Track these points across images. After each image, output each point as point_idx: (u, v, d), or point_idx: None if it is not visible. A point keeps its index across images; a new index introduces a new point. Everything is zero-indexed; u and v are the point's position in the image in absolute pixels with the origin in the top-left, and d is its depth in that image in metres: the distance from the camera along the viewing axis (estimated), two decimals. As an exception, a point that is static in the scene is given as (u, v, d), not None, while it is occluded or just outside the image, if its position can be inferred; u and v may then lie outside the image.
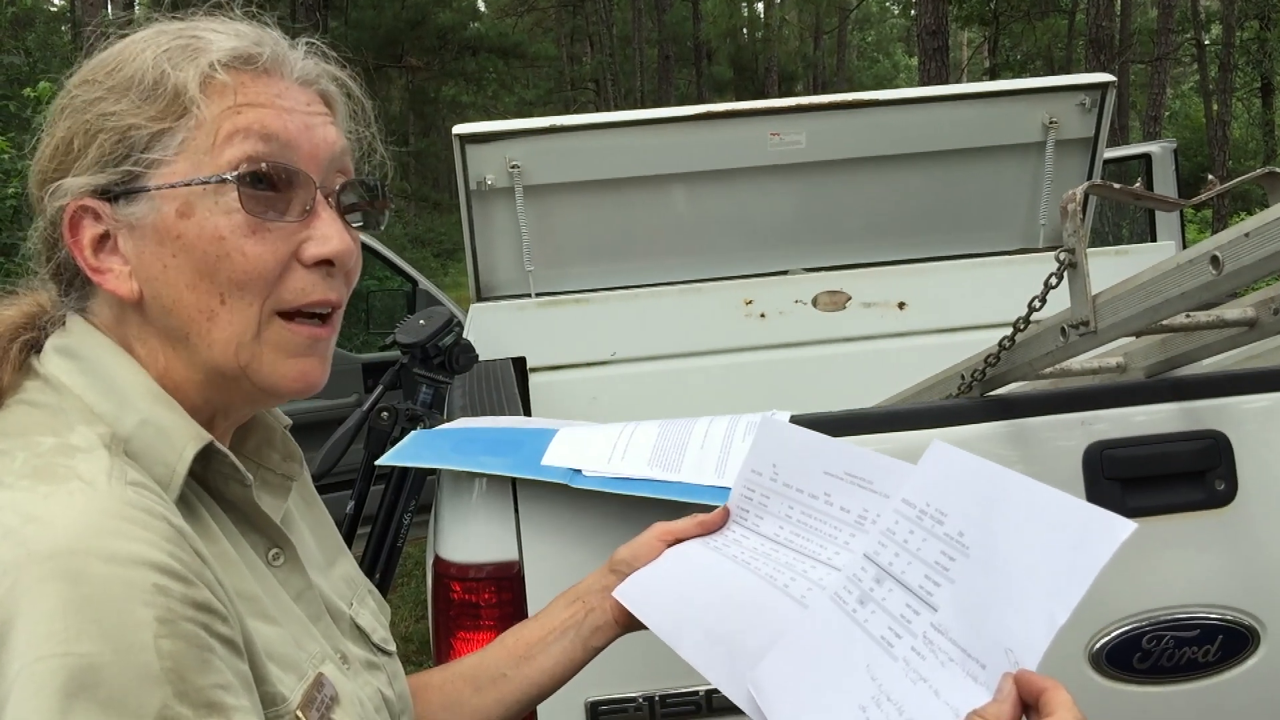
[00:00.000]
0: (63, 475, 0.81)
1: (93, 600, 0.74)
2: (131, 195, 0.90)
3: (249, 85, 0.92)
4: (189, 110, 0.90)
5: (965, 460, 1.05)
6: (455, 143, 3.12)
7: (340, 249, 0.94)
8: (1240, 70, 20.47)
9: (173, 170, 0.90)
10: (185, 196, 0.90)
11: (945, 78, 13.75)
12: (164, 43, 0.93)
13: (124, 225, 0.91)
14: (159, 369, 0.94)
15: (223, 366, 0.93)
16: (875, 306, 3.31)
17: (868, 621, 1.02)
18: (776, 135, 3.29)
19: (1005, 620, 0.90)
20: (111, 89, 0.91)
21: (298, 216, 0.93)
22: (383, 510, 2.38)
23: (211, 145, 0.90)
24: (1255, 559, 1.74)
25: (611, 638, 1.27)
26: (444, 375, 2.40)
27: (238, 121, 0.91)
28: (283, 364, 0.94)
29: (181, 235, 0.90)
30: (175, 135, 0.90)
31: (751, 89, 36.09)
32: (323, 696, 0.92)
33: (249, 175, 0.90)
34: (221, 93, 0.91)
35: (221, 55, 0.92)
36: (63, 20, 23.50)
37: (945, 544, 1.00)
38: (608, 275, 3.42)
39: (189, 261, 0.90)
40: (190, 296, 0.91)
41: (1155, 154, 5.82)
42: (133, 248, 0.92)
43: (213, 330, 0.91)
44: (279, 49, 0.96)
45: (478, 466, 1.69)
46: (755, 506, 1.28)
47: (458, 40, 29.34)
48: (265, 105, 0.92)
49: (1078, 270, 1.62)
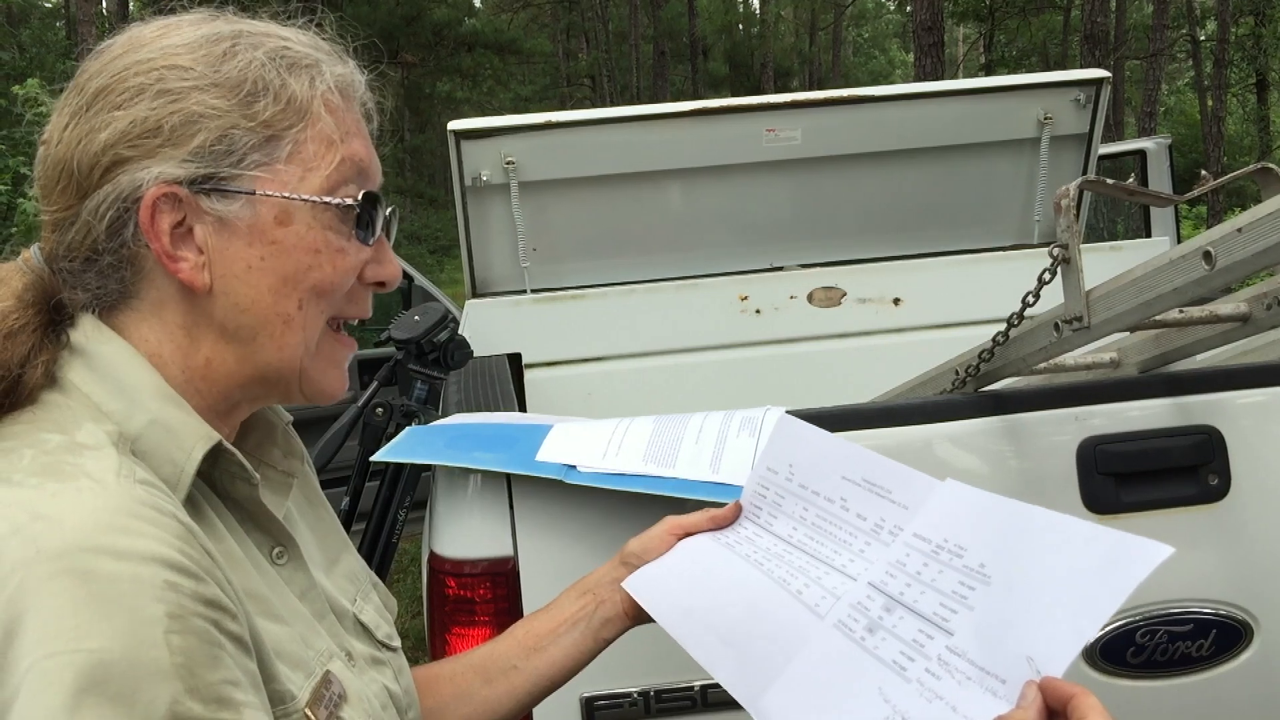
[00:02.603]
0: (70, 473, 0.81)
1: (103, 597, 0.74)
2: (227, 193, 0.91)
3: (345, 112, 0.98)
4: (300, 124, 0.93)
5: (983, 498, 1.07)
6: (450, 138, 3.12)
7: (395, 274, 1.03)
8: (1235, 66, 20.48)
9: (276, 179, 0.92)
10: (286, 206, 0.92)
11: (941, 73, 13.76)
12: (270, 45, 0.95)
13: (212, 219, 0.92)
14: (198, 360, 0.95)
15: (282, 369, 0.97)
16: (870, 302, 3.31)
17: (878, 649, 1.02)
18: (772, 131, 3.29)
19: (1028, 636, 0.91)
20: (216, 83, 0.91)
21: (373, 241, 1.00)
22: (378, 506, 2.38)
23: (318, 163, 0.94)
24: (1248, 554, 1.75)
25: (621, 630, 1.28)
26: (439, 371, 2.40)
27: (344, 150, 0.96)
28: (330, 372, 1.01)
29: (278, 241, 0.93)
30: (282, 145, 0.93)
31: (747, 85, 36.09)
32: (331, 694, 0.93)
33: (355, 203, 0.96)
34: (332, 114, 0.95)
35: (334, 79, 0.97)
36: (57, 16, 23.45)
37: (965, 575, 1.00)
38: (603, 271, 3.42)
39: (278, 266, 0.93)
40: (270, 299, 0.94)
41: (1150, 150, 5.84)
42: (215, 242, 0.92)
43: (286, 334, 0.95)
44: (357, 77, 1.01)
45: (472, 462, 1.69)
46: (769, 505, 1.28)
47: (453, 36, 29.32)
48: (358, 135, 0.98)
49: (1071, 266, 1.63)
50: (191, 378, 0.95)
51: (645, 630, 1.25)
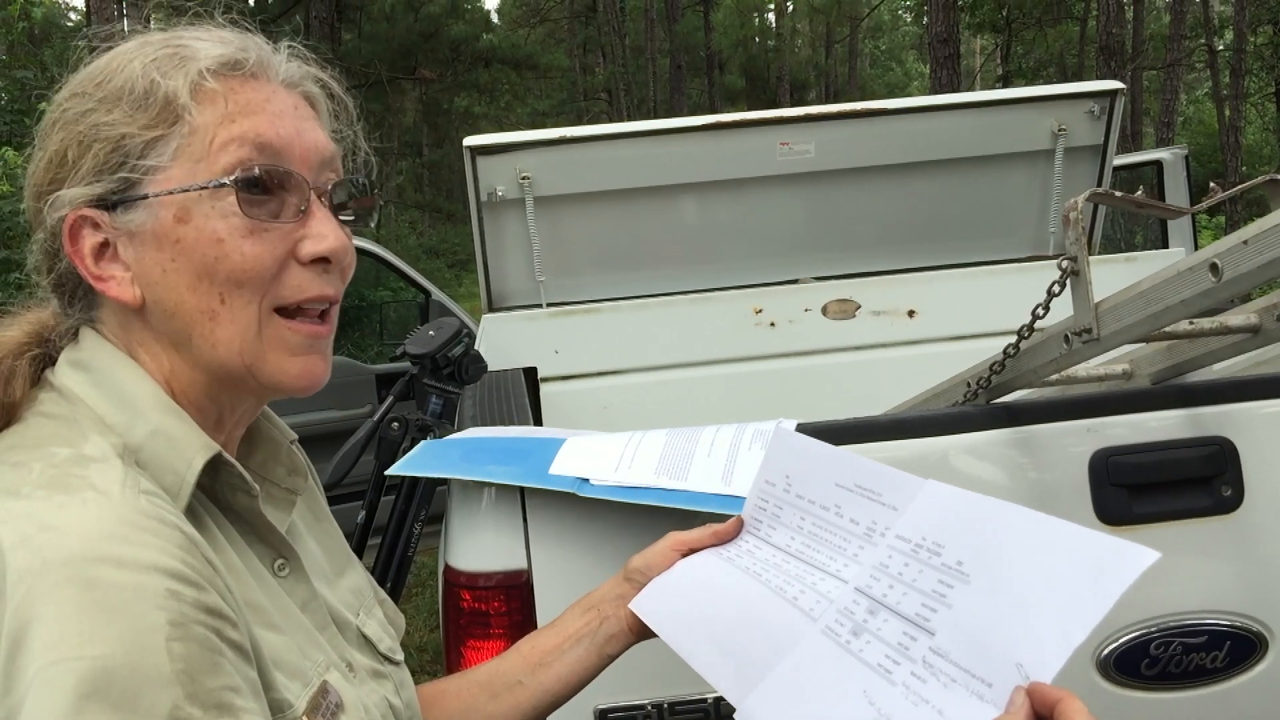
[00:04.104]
0: (77, 485, 0.83)
1: (105, 605, 0.75)
2: (129, 203, 0.92)
3: (238, 91, 0.94)
4: (181, 117, 0.92)
5: (961, 496, 1.07)
6: (466, 154, 3.14)
7: (336, 246, 0.97)
8: (1253, 76, 20.39)
9: (168, 177, 0.92)
10: (182, 202, 0.92)
11: (957, 86, 13.73)
12: (151, 52, 0.95)
13: (123, 233, 0.93)
14: (165, 373, 0.96)
15: (228, 365, 0.95)
16: (885, 314, 3.31)
17: (862, 651, 1.02)
18: (786, 145, 3.30)
19: (1014, 640, 0.91)
20: (102, 100, 0.93)
21: (293, 217, 0.96)
22: (393, 520, 2.39)
23: (206, 151, 0.92)
24: (1262, 565, 1.74)
25: (626, 645, 1.28)
26: (453, 385, 2.41)
27: (231, 129, 0.93)
28: (286, 361, 0.97)
29: (180, 239, 0.92)
30: (169, 142, 0.92)
31: (764, 98, 36.08)
32: (328, 703, 0.94)
33: (245, 180, 0.92)
34: (212, 99, 0.93)
35: (209, 63, 0.94)
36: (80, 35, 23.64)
37: (942, 573, 1.01)
38: (618, 285, 3.43)
39: (188, 264, 0.92)
40: (191, 298, 0.93)
41: (1166, 160, 5.81)
42: (133, 254, 0.94)
43: (215, 330, 0.94)
44: (264, 53, 0.98)
45: (486, 476, 1.70)
46: (769, 517, 1.28)
47: (470, 52, 29.41)
48: (256, 111, 0.95)
49: (1080, 278, 1.63)
50: (171, 389, 0.96)
51: (658, 643, 1.26)
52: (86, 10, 14.59)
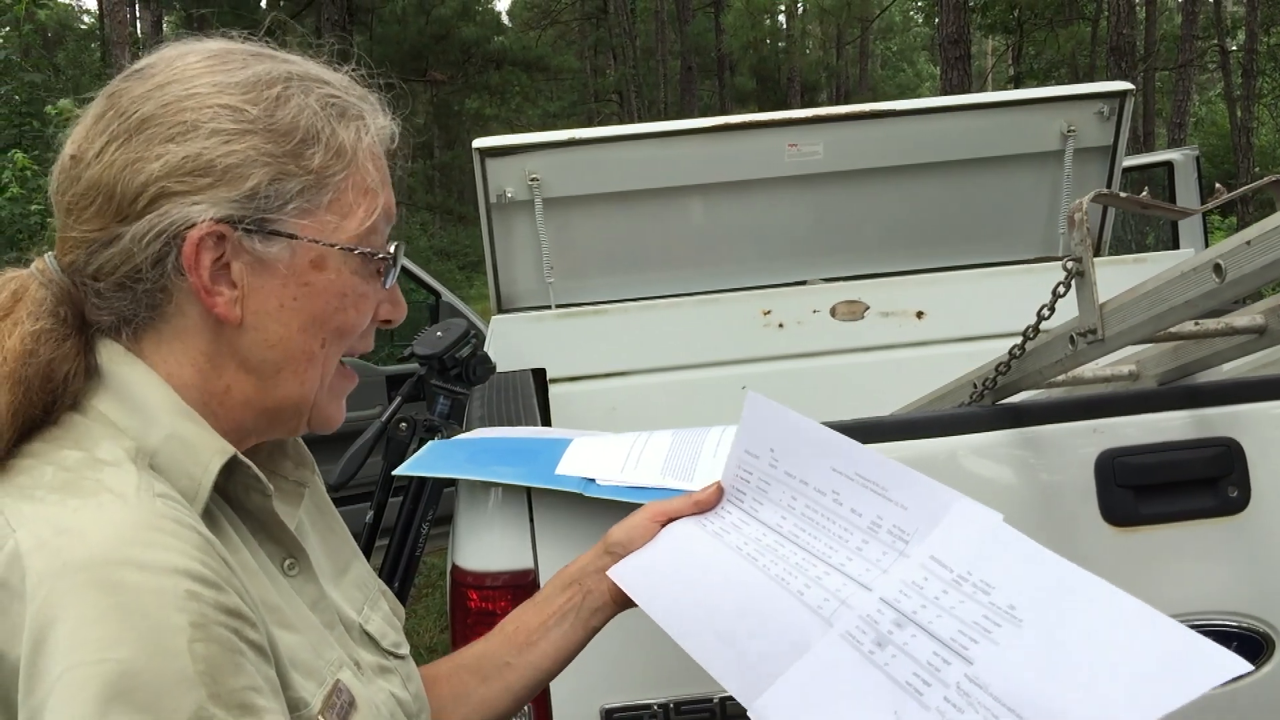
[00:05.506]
0: (91, 488, 0.84)
1: (128, 608, 0.76)
2: (270, 235, 0.93)
3: (382, 164, 1.01)
4: (344, 173, 0.96)
5: (1024, 544, 1.06)
6: (475, 156, 3.15)
7: (405, 312, 1.07)
8: (1265, 76, 20.30)
9: (317, 224, 0.95)
10: (323, 251, 0.96)
11: (967, 87, 13.71)
12: (319, 94, 0.97)
13: (251, 258, 0.93)
14: (218, 386, 0.97)
15: (298, 402, 1.00)
16: (893, 316, 3.31)
17: (889, 665, 1.01)
18: (794, 146, 3.30)
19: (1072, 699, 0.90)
20: (270, 128, 0.93)
21: (387, 284, 1.04)
22: (400, 520, 2.41)
23: (351, 211, 0.97)
24: (1269, 565, 1.74)
25: (610, 616, 1.30)
26: (461, 386, 2.42)
27: (376, 200, 1.00)
28: (333, 405, 1.05)
29: (310, 284, 0.96)
30: (325, 192, 0.96)
31: (774, 99, 36.05)
32: (341, 702, 0.95)
33: (383, 256, 1.00)
34: (374, 165, 0.99)
35: (378, 132, 1.01)
36: (92, 38, 23.75)
37: (991, 611, 1.00)
38: (627, 286, 3.44)
39: (308, 307, 0.96)
40: (299, 338, 0.97)
41: (1177, 161, 5.81)
42: (251, 280, 0.94)
43: (309, 370, 0.99)
44: (395, 129, 1.05)
45: (492, 476, 1.71)
46: (754, 490, 1.27)
47: (482, 54, 29.50)
48: (386, 183, 1.02)
49: (1085, 279, 1.63)
50: (209, 401, 0.96)
51: (666, 642, 1.26)
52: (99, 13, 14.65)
